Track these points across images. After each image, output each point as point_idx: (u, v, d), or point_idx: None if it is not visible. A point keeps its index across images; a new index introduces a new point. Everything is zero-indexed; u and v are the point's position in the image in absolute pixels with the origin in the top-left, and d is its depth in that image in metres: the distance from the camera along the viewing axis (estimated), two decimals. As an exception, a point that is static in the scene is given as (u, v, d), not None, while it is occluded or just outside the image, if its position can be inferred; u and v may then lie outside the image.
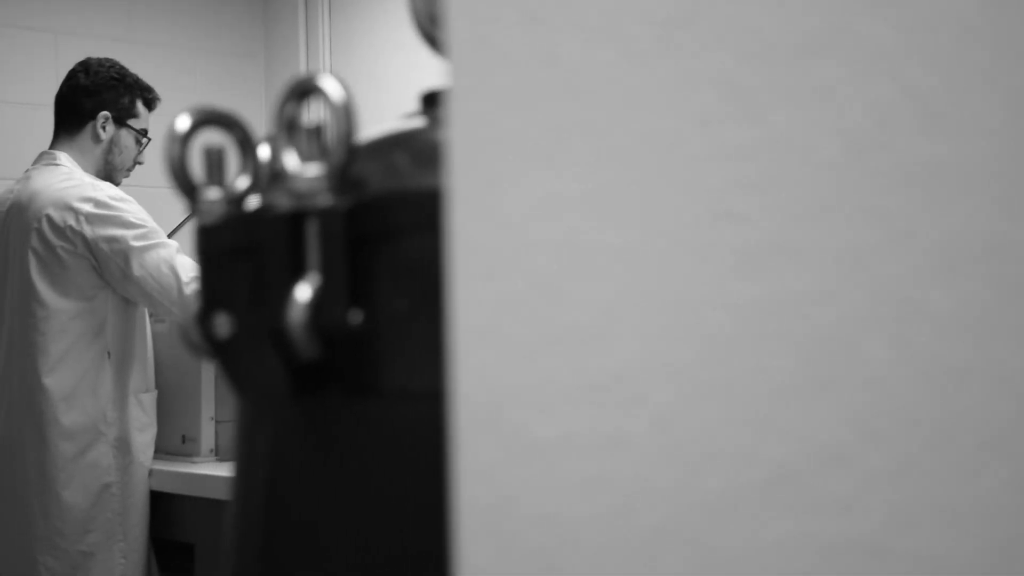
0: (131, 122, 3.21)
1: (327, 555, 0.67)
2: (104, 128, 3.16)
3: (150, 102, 3.27)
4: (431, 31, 0.77)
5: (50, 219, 2.99)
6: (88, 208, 2.98)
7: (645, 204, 0.41)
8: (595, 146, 0.43)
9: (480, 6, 0.47)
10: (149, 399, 3.20)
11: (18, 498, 3.03)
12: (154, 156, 3.57)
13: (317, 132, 0.67)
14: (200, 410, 3.34)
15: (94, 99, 3.16)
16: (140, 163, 3.29)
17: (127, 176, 3.28)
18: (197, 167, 0.74)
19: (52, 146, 3.16)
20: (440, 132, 0.72)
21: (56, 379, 3.02)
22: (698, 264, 0.39)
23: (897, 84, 0.39)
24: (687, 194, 0.39)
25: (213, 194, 0.73)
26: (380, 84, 4.00)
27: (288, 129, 0.68)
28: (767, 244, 0.38)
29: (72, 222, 2.97)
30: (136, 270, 2.98)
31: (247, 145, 0.75)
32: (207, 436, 3.35)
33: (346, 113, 0.65)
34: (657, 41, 0.41)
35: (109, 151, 3.18)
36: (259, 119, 4.47)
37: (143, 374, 3.16)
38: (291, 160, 0.67)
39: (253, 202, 0.73)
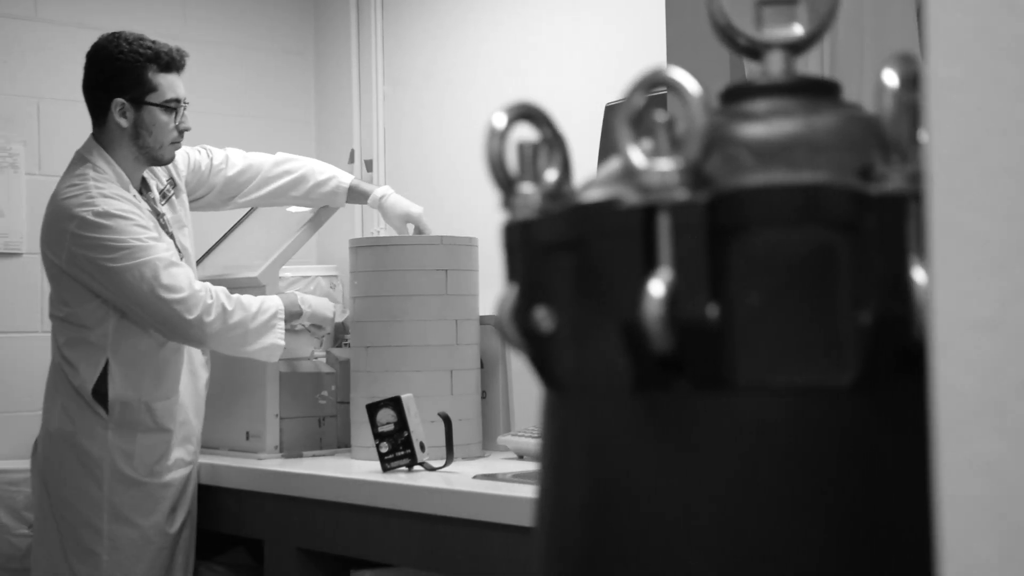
0: (150, 98, 2.98)
1: (668, 546, 0.67)
2: (124, 115, 2.99)
3: (168, 65, 3.00)
4: (727, 24, 0.77)
5: (46, 229, 2.98)
6: (72, 227, 2.91)
7: None
8: None
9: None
10: (162, 406, 3.07)
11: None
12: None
13: (669, 126, 0.66)
14: (265, 407, 3.34)
15: (101, 90, 3.00)
16: (187, 128, 3.04)
17: (178, 146, 3.05)
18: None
19: (90, 139, 3.08)
20: (766, 125, 0.72)
21: (55, 382, 3.03)
22: None
23: None
24: None
25: (527, 188, 0.73)
26: (432, 82, 3.99)
27: (634, 123, 0.67)
28: None
29: (60, 236, 2.94)
30: (111, 289, 2.91)
31: (556, 140, 0.74)
32: (272, 433, 3.35)
33: (702, 107, 0.65)
34: None
35: (137, 135, 3.00)
36: (308, 116, 4.44)
37: (155, 382, 3.05)
38: (637, 155, 0.67)
39: (575, 197, 0.73)
